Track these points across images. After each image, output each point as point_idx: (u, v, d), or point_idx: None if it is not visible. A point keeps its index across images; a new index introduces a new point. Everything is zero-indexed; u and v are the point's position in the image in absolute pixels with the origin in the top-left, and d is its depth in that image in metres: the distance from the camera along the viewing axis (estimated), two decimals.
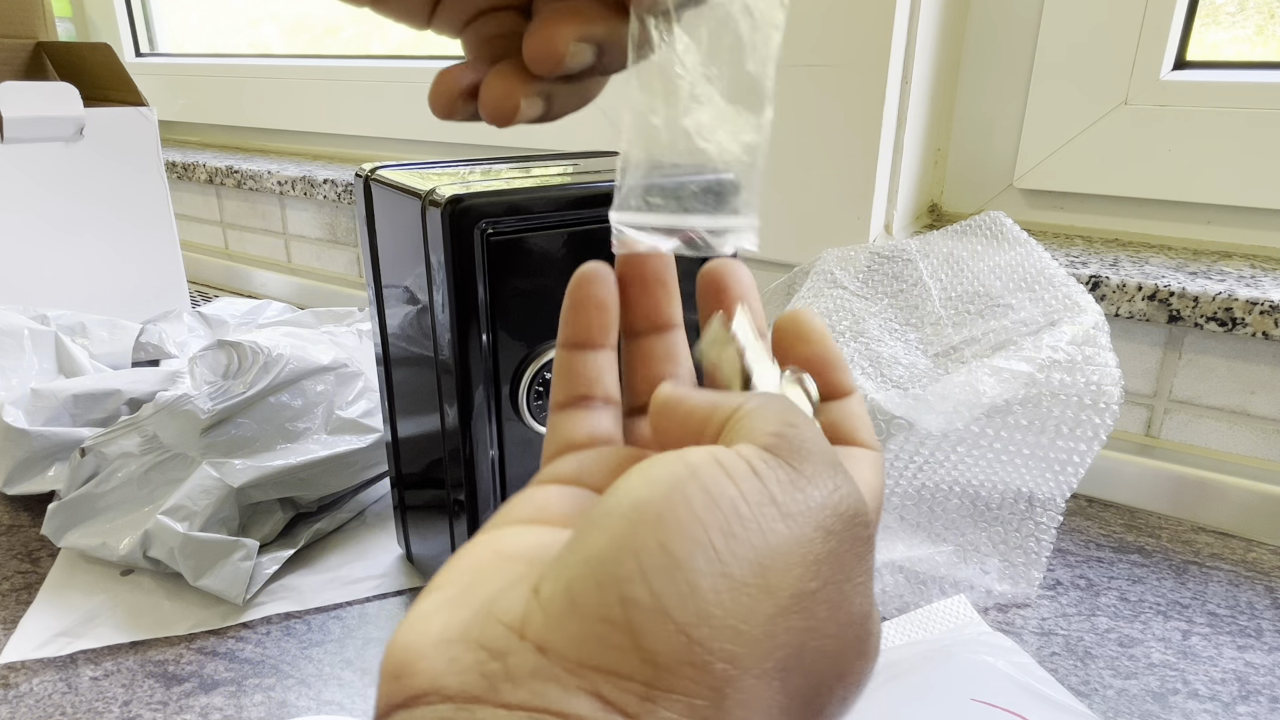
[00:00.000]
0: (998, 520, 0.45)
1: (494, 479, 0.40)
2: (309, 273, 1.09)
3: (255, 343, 0.55)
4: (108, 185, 0.78)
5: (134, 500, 0.51)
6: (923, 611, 0.43)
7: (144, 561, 0.48)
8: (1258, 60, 0.63)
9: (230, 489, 0.49)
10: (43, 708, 0.40)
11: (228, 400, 0.52)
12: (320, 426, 0.56)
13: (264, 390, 0.53)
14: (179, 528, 0.47)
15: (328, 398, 0.56)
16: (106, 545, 0.48)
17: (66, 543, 0.50)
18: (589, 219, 0.37)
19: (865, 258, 0.50)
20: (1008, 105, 0.69)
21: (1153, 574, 0.51)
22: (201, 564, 0.47)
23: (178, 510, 0.48)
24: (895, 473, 0.42)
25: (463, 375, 0.37)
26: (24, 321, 0.64)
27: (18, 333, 0.63)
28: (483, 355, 0.37)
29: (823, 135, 0.62)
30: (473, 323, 0.36)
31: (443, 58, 1.04)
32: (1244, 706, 0.40)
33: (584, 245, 0.38)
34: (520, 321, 0.37)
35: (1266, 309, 0.53)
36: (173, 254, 0.84)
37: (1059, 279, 0.45)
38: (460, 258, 0.35)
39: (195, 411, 0.51)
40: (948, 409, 0.40)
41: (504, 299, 0.37)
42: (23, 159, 0.73)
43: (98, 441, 0.51)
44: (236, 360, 0.55)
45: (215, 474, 0.49)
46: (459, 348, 0.37)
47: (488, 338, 0.37)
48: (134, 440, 0.51)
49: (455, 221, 0.34)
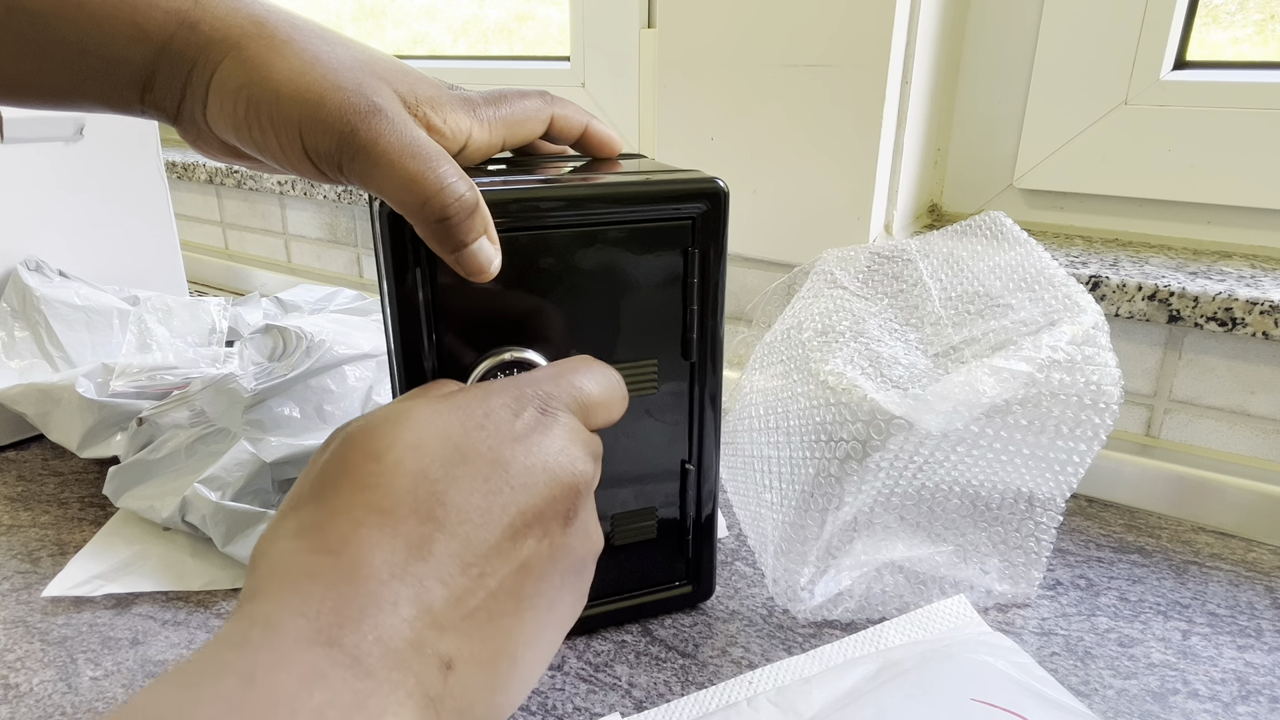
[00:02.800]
0: (998, 520, 0.45)
1: None
2: (309, 273, 1.09)
3: (300, 328, 0.59)
4: (108, 185, 0.78)
5: (180, 468, 0.55)
6: (923, 611, 0.43)
7: (182, 525, 0.52)
8: (1258, 60, 0.63)
9: (263, 463, 0.52)
10: (43, 708, 0.40)
11: (270, 381, 0.56)
12: (357, 410, 0.59)
13: (305, 373, 0.57)
14: (212, 496, 0.50)
15: (367, 383, 0.60)
16: (153, 507, 0.53)
17: (123, 503, 0.54)
18: (550, 223, 0.36)
19: (865, 258, 0.50)
20: (1008, 105, 0.69)
21: (1153, 574, 0.51)
22: (230, 531, 0.50)
23: (213, 480, 0.51)
24: (895, 473, 0.43)
25: (407, 375, 0.36)
26: (115, 301, 0.72)
27: (108, 312, 0.71)
28: (424, 357, 0.36)
29: (823, 135, 0.62)
30: (415, 323, 0.36)
31: (443, 57, 1.04)
32: (1244, 706, 0.40)
33: (544, 248, 0.36)
34: (466, 323, 0.37)
35: (1266, 309, 0.53)
36: (173, 254, 0.84)
37: (1059, 279, 0.45)
38: (399, 257, 0.34)
39: (239, 390, 0.55)
40: (948, 409, 0.40)
41: (449, 302, 0.36)
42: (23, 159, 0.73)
43: (153, 413, 0.57)
44: (282, 344, 0.59)
45: (251, 449, 0.53)
46: (402, 348, 0.36)
47: (430, 339, 0.36)
48: (184, 413, 0.57)
49: (392, 217, 0.33)
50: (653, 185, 0.38)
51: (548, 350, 0.38)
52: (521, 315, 0.37)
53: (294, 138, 0.32)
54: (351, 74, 0.32)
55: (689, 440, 0.43)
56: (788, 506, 0.44)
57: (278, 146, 0.32)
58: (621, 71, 0.82)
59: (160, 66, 0.33)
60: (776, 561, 0.46)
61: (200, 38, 0.32)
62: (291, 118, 0.31)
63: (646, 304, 0.39)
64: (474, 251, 0.32)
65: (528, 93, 0.39)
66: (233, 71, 0.32)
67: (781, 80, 0.62)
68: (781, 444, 0.45)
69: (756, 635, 0.45)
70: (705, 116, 0.67)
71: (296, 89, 0.31)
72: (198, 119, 0.34)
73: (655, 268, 0.39)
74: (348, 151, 0.31)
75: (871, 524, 0.45)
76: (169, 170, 1.12)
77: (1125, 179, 0.65)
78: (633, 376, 0.40)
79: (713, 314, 0.41)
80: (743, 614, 0.47)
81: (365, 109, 0.31)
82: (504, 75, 0.93)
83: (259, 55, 0.32)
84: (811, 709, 0.36)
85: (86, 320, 0.70)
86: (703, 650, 0.44)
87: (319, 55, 0.32)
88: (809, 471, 0.43)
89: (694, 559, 0.46)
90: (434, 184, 0.31)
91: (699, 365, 0.42)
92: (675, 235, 0.39)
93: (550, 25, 0.97)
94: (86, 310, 0.70)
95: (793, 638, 0.45)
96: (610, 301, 0.38)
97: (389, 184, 0.31)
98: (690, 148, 0.68)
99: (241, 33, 0.32)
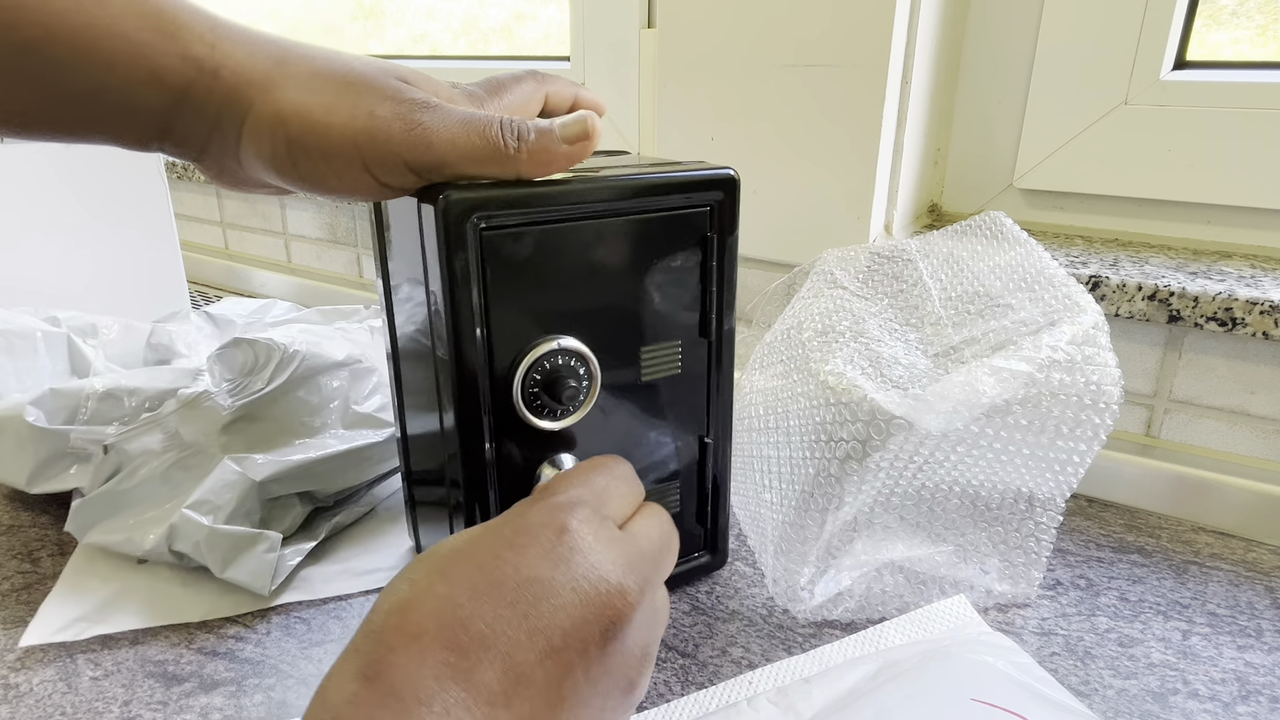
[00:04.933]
0: (998, 520, 0.45)
1: (490, 474, 0.40)
2: (309, 273, 1.09)
3: (272, 340, 0.56)
4: (108, 185, 0.78)
5: (157, 496, 0.52)
6: (922, 611, 0.43)
7: (169, 555, 0.49)
8: (1258, 60, 0.63)
9: (252, 483, 0.50)
10: (43, 708, 0.40)
11: (247, 396, 0.54)
12: (337, 421, 0.57)
13: (282, 386, 0.55)
14: (204, 521, 0.48)
15: (343, 393, 0.58)
16: (131, 540, 0.49)
17: (90, 539, 0.50)
18: (586, 213, 0.38)
19: (865, 258, 0.50)
20: (1008, 105, 0.69)
21: (1153, 574, 0.51)
22: (227, 556, 0.48)
23: (202, 504, 0.49)
24: (895, 473, 0.42)
25: (458, 370, 0.37)
26: (36, 323, 0.65)
27: (30, 334, 0.64)
28: (478, 350, 0.37)
29: (823, 135, 0.62)
30: (467, 318, 0.36)
31: (443, 57, 1.04)
32: (1244, 706, 0.40)
33: (581, 239, 0.38)
34: (516, 316, 0.38)
35: (1266, 309, 0.53)
36: (173, 254, 0.84)
37: (1059, 279, 0.45)
38: (454, 252, 0.35)
39: (216, 408, 0.53)
40: (948, 409, 0.40)
41: (499, 294, 0.37)
42: (23, 159, 0.73)
43: (120, 438, 0.52)
44: (254, 357, 0.56)
45: (237, 469, 0.50)
46: (454, 343, 0.37)
47: (482, 332, 0.37)
48: (156, 437, 0.53)
49: (448, 215, 0.34)
50: (675, 176, 0.40)
51: (584, 336, 0.39)
52: (561, 305, 0.39)
53: (353, 160, 0.33)
54: (385, 82, 0.34)
55: (707, 415, 0.45)
56: (788, 506, 0.44)
57: (331, 173, 0.33)
58: (621, 71, 0.82)
59: (182, 112, 0.33)
60: (776, 561, 0.46)
61: (223, 84, 0.33)
62: (346, 141, 0.32)
63: (669, 288, 0.42)
64: (570, 133, 0.35)
65: (521, 76, 0.41)
66: (266, 114, 0.33)
67: (781, 80, 0.62)
68: (781, 444, 0.45)
69: (756, 635, 0.45)
70: (705, 116, 0.67)
71: (344, 117, 0.32)
72: (226, 160, 0.35)
73: (677, 253, 0.41)
74: (419, 146, 0.33)
75: (871, 524, 0.45)
76: (169, 170, 1.12)
77: (1125, 179, 0.65)
78: (659, 358, 0.42)
79: (728, 294, 0.43)
80: (743, 614, 0.47)
81: (420, 102, 0.33)
82: None
83: (290, 95, 0.33)
84: (811, 709, 0.36)
85: (6, 345, 0.62)
86: (703, 650, 0.44)
87: (348, 77, 0.33)
88: (809, 471, 0.43)
89: (711, 529, 0.48)
90: (496, 127, 0.34)
91: (716, 343, 0.44)
92: (696, 221, 0.41)
93: (550, 25, 0.97)
94: (5, 334, 0.62)
95: (793, 638, 0.45)
96: (637, 287, 0.41)
97: (462, 153, 0.33)
98: (690, 148, 0.68)
99: (266, 76, 0.33)
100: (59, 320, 0.66)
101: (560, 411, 0.40)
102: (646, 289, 0.41)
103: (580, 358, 0.39)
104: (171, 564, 0.50)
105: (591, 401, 0.40)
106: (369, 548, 0.53)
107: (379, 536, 0.54)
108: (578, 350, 0.39)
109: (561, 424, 0.40)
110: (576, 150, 0.36)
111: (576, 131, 0.35)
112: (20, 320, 0.64)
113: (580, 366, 0.40)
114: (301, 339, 0.57)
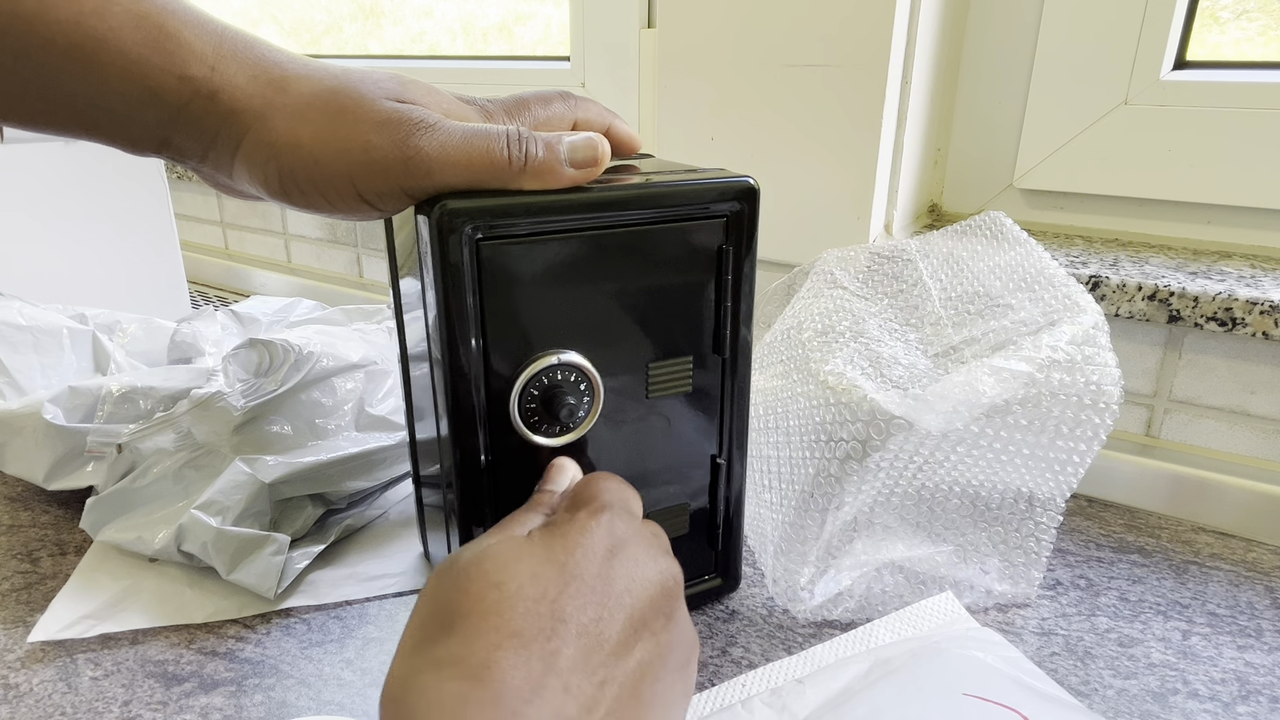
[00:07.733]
0: (998, 520, 0.45)
1: (486, 487, 0.39)
2: (309, 273, 1.09)
3: (287, 341, 0.56)
4: (108, 185, 0.78)
5: (169, 495, 0.52)
6: (910, 609, 0.43)
7: (178, 555, 0.49)
8: (1258, 60, 0.63)
9: (262, 484, 0.49)
10: (43, 708, 0.40)
11: (260, 398, 0.53)
12: (350, 423, 0.56)
13: (295, 387, 0.54)
14: (212, 522, 0.47)
15: (357, 395, 0.57)
16: (142, 539, 0.49)
17: (104, 536, 0.51)
18: (589, 225, 0.36)
19: (865, 258, 0.50)
20: (1008, 105, 0.69)
21: (1153, 574, 0.51)
22: (234, 558, 0.47)
23: (211, 505, 0.48)
24: (895, 473, 0.43)
25: (452, 380, 0.36)
26: (63, 320, 0.65)
27: (56, 331, 0.64)
28: (473, 361, 0.36)
29: (823, 135, 0.62)
30: (463, 328, 0.36)
31: (442, 57, 1.04)
32: (1244, 706, 0.40)
33: (584, 251, 0.37)
34: (515, 328, 0.37)
35: (1266, 309, 0.53)
36: (173, 254, 0.84)
37: (1059, 279, 0.45)
38: (448, 262, 0.34)
39: (228, 408, 0.52)
40: (948, 409, 0.40)
41: (497, 305, 0.36)
42: (23, 159, 0.73)
43: (134, 437, 0.52)
44: (268, 358, 0.56)
45: (247, 470, 0.50)
46: (448, 353, 0.36)
47: (478, 343, 0.36)
48: (169, 436, 0.53)
49: (443, 226, 0.34)
50: (690, 185, 0.38)
51: (587, 351, 0.38)
52: (562, 318, 0.38)
53: (346, 191, 0.33)
54: (379, 107, 0.33)
55: (719, 435, 0.44)
56: (788, 506, 0.44)
57: (325, 201, 0.33)
58: (621, 71, 0.82)
59: (179, 128, 0.33)
60: (776, 561, 0.46)
61: (220, 108, 0.32)
62: (339, 173, 0.32)
63: (681, 302, 0.40)
64: (579, 157, 0.35)
65: (550, 97, 0.39)
66: (260, 142, 0.32)
67: (782, 80, 0.62)
68: (781, 444, 0.45)
69: (756, 635, 0.45)
70: (705, 116, 0.67)
71: (337, 148, 0.32)
72: (221, 176, 0.35)
73: (690, 266, 0.39)
74: (417, 174, 0.32)
75: (871, 524, 0.45)
76: (169, 170, 1.12)
77: (1125, 179, 0.65)
78: (670, 374, 0.41)
79: (745, 308, 0.41)
80: (743, 614, 0.47)
81: (416, 123, 0.33)
82: (503, 75, 0.93)
83: (284, 126, 0.32)
84: (806, 709, 0.36)
85: (33, 342, 0.63)
86: (702, 650, 0.44)
87: (344, 103, 0.33)
88: (809, 471, 0.43)
89: (723, 552, 0.47)
90: (501, 142, 0.33)
91: (730, 360, 0.42)
92: (710, 233, 0.39)
93: (550, 25, 0.97)
94: (33, 330, 0.63)
95: (793, 638, 0.45)
96: (645, 300, 0.39)
97: (461, 173, 0.33)
98: (690, 148, 0.68)
99: (265, 102, 0.32)
100: (86, 318, 0.67)
101: (560, 428, 0.39)
102: (655, 302, 0.39)
103: (582, 373, 0.38)
104: (181, 564, 0.50)
105: (594, 418, 0.39)
106: (378, 553, 0.52)
107: (390, 542, 0.54)
108: (579, 365, 0.38)
109: (562, 440, 0.39)
110: (581, 176, 0.35)
111: (585, 157, 0.35)
112: (48, 317, 0.65)
113: (582, 382, 0.38)
114: (317, 340, 0.57)
